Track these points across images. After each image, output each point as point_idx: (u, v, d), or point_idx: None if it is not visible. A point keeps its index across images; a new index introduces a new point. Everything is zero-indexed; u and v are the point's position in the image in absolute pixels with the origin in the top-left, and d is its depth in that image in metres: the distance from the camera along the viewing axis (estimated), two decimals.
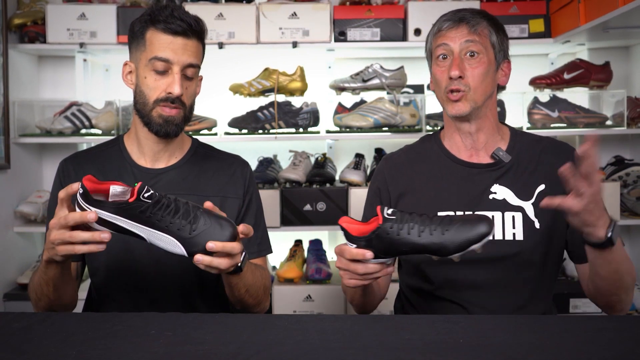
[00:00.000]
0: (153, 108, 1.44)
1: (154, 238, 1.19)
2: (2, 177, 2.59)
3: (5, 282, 2.63)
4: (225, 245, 1.18)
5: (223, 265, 1.20)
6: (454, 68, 1.42)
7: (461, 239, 1.18)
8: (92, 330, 1.13)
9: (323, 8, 2.68)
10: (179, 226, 1.18)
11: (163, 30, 1.42)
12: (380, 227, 1.19)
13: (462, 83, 1.42)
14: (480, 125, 1.48)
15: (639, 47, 2.87)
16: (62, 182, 1.52)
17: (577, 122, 2.70)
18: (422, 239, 1.18)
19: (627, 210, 2.73)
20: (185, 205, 1.20)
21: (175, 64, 1.43)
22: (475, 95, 1.43)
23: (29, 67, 2.86)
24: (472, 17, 1.45)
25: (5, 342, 1.08)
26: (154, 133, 1.47)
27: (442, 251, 1.19)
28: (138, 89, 1.46)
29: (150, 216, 1.17)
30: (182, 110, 1.46)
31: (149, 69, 1.43)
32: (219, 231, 1.19)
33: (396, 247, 1.19)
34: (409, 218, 1.20)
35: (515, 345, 1.05)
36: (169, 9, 1.44)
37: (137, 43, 1.46)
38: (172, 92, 1.42)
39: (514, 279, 1.45)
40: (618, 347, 1.04)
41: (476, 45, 1.42)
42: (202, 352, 1.02)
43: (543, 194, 1.44)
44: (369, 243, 1.20)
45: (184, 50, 1.43)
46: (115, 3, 2.71)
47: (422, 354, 1.01)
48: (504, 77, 1.51)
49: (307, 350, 1.03)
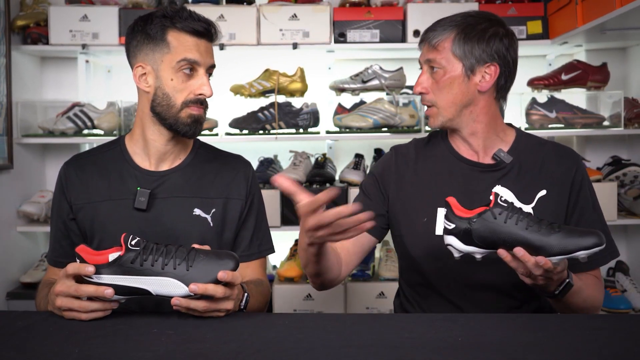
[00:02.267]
0: (182, 109, 1.43)
1: (156, 286, 1.16)
2: (5, 177, 2.59)
3: (9, 281, 2.63)
4: (207, 289, 1.16)
5: (200, 308, 1.17)
6: (415, 84, 1.49)
7: (569, 244, 1.18)
8: (95, 329, 1.13)
9: (323, 10, 2.68)
10: (175, 265, 1.16)
11: (188, 32, 1.42)
12: (490, 209, 1.20)
13: (426, 99, 1.48)
14: (470, 130, 1.49)
15: (636, 48, 2.87)
16: (64, 187, 1.51)
17: (575, 123, 2.70)
18: (528, 233, 1.19)
19: (624, 210, 2.73)
20: (179, 247, 1.19)
21: (202, 65, 1.43)
22: (442, 110, 1.46)
23: (32, 68, 2.86)
24: (435, 34, 1.45)
25: (8, 340, 1.08)
26: (182, 134, 1.46)
27: (545, 250, 1.18)
28: (160, 91, 1.43)
29: (143, 264, 1.15)
30: (206, 109, 1.48)
31: (176, 70, 1.42)
32: (218, 262, 1.18)
33: (497, 235, 1.20)
34: (519, 211, 1.21)
35: (514, 344, 1.05)
36: (186, 10, 1.44)
37: (154, 45, 1.43)
38: (203, 94, 1.43)
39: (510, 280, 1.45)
40: (615, 346, 1.05)
41: (434, 62, 1.45)
42: (203, 350, 1.02)
43: (543, 199, 1.44)
44: (470, 225, 1.21)
45: (207, 51, 1.45)
46: (117, 5, 2.71)
47: (421, 353, 1.01)
48: (485, 83, 1.46)
49: (307, 349, 1.03)
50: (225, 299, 1.19)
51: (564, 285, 1.28)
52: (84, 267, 1.14)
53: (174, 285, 1.16)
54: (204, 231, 1.47)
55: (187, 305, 1.16)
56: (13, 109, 2.61)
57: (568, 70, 2.75)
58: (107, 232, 1.45)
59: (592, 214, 1.47)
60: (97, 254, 1.18)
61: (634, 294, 2.66)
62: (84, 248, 1.18)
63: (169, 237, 1.43)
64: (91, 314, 1.17)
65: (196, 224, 1.47)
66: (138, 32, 1.45)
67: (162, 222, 1.46)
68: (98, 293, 1.15)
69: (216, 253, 1.20)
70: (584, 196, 1.47)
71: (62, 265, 1.46)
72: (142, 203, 1.45)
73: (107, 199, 1.48)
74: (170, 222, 1.46)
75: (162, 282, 1.16)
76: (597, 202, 1.50)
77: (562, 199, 1.46)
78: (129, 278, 1.16)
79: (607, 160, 2.82)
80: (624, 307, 2.58)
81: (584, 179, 1.49)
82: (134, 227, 1.44)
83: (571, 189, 1.47)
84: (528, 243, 1.19)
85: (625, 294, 2.68)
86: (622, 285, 2.73)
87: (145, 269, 1.16)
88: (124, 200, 1.47)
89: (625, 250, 2.93)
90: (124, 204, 1.46)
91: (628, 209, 2.71)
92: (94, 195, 1.48)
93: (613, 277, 2.77)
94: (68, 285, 1.16)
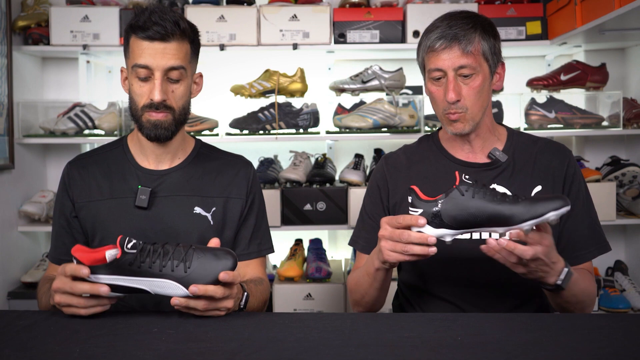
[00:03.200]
0: (142, 114, 1.44)
1: (154, 287, 1.17)
2: (6, 177, 2.60)
3: (10, 281, 2.63)
4: (207, 289, 1.16)
5: (200, 307, 1.17)
6: (450, 93, 1.40)
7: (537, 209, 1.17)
8: (96, 328, 1.13)
9: (323, 10, 2.68)
10: (173, 267, 1.16)
11: (141, 37, 1.40)
12: (457, 187, 1.20)
13: (459, 105, 1.42)
14: (477, 132, 1.49)
15: (634, 49, 2.87)
16: (67, 186, 1.52)
17: (574, 123, 2.70)
18: (497, 204, 1.19)
19: (622, 209, 2.73)
20: (176, 246, 1.19)
21: (156, 69, 1.41)
22: (473, 114, 1.43)
23: (33, 68, 2.87)
24: (465, 33, 1.39)
25: (10, 340, 1.08)
26: (146, 137, 1.46)
27: (515, 218, 1.18)
28: (130, 95, 1.46)
29: (141, 266, 1.15)
30: (169, 114, 1.43)
31: (134, 76, 1.43)
32: (216, 262, 1.18)
33: (466, 211, 1.19)
34: (484, 186, 1.22)
35: (512, 343, 1.05)
36: (147, 13, 1.40)
37: (125, 51, 1.46)
38: (152, 98, 1.41)
39: (509, 279, 1.45)
40: (614, 345, 1.05)
41: (470, 68, 1.40)
42: (204, 349, 1.02)
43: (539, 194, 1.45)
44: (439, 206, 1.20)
45: (162, 54, 1.40)
46: (118, 5, 2.71)
47: (420, 352, 1.01)
48: (499, 82, 1.49)
49: (307, 348, 1.03)
50: (225, 298, 1.20)
51: (565, 273, 1.28)
52: (79, 269, 1.15)
53: (172, 287, 1.16)
54: (204, 229, 1.48)
55: (187, 304, 1.17)
56: (14, 109, 2.61)
57: (567, 71, 2.76)
58: (109, 230, 1.46)
59: (583, 208, 1.48)
60: (93, 251, 1.18)
61: (632, 293, 2.66)
62: (80, 247, 1.18)
63: (169, 235, 1.44)
64: (90, 309, 1.17)
65: (196, 222, 1.48)
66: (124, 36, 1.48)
67: (163, 220, 1.47)
68: (93, 291, 1.15)
69: (214, 252, 1.20)
70: (576, 189, 1.49)
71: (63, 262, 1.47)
72: (143, 201, 1.45)
73: (109, 197, 1.48)
74: (171, 220, 1.47)
75: (160, 283, 1.16)
76: (589, 196, 1.51)
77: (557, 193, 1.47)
78: (127, 279, 1.16)
79: (606, 161, 2.82)
80: (623, 307, 2.58)
81: (576, 172, 1.50)
82: (135, 225, 1.45)
83: (564, 183, 1.48)
84: (498, 213, 1.19)
85: (624, 294, 2.68)
86: (620, 284, 2.74)
87: (142, 270, 1.16)
88: (125, 199, 1.47)
89: (624, 250, 2.93)
90: (125, 202, 1.47)
91: (627, 209, 2.71)
92: (96, 194, 1.49)
93: (612, 277, 2.77)
94: (64, 282, 1.16)
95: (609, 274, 2.81)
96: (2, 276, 2.57)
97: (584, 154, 2.93)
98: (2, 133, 2.53)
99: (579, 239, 1.46)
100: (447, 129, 1.47)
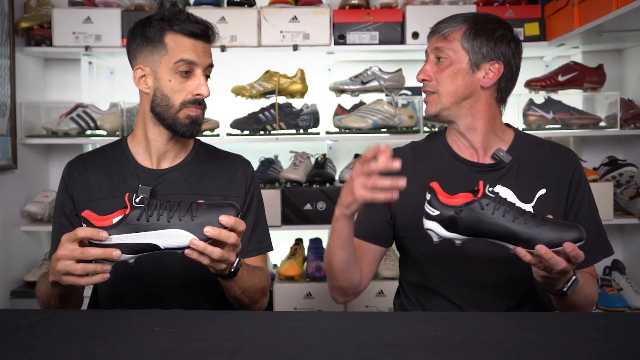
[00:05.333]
0: (180, 110, 1.44)
1: (165, 239, 1.17)
2: (9, 177, 2.60)
3: (12, 280, 2.63)
4: (221, 232, 1.18)
5: (215, 255, 1.19)
6: (419, 72, 1.50)
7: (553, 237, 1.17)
8: (97, 327, 1.13)
9: (323, 12, 2.68)
10: (180, 217, 1.17)
11: (185, 34, 1.42)
12: (478, 200, 1.19)
13: (429, 85, 1.49)
14: (469, 125, 1.48)
15: (632, 50, 2.87)
16: (67, 185, 1.52)
17: (572, 124, 2.70)
18: (515, 225, 1.18)
19: (620, 209, 2.73)
20: (181, 202, 1.21)
21: (199, 66, 1.44)
22: (443, 98, 1.47)
23: (36, 69, 2.87)
24: (447, 25, 1.47)
25: (12, 339, 1.08)
26: (180, 134, 1.47)
27: (530, 243, 1.18)
28: (159, 92, 1.44)
29: (149, 219, 1.16)
30: (204, 110, 1.48)
31: (173, 72, 1.42)
32: (220, 210, 1.19)
33: (483, 226, 1.19)
34: (506, 203, 1.20)
35: (510, 342, 1.05)
36: (184, 13, 1.44)
37: (152, 47, 1.44)
38: (201, 94, 1.44)
39: (509, 279, 1.45)
40: (611, 343, 1.05)
41: (442, 51, 1.46)
42: (205, 348, 1.02)
43: (543, 197, 1.44)
44: (457, 213, 1.20)
45: (204, 52, 1.45)
46: (120, 7, 2.71)
47: (419, 350, 1.01)
48: (488, 79, 1.47)
49: (307, 347, 1.03)
50: (233, 249, 1.22)
51: (572, 281, 1.28)
52: (97, 232, 1.14)
53: (182, 236, 1.17)
54: None
55: (205, 249, 1.18)
56: (17, 110, 2.61)
57: (565, 72, 2.75)
58: None
59: (588, 213, 1.48)
60: (102, 218, 1.18)
61: (630, 292, 2.67)
62: (90, 213, 1.18)
63: None
64: (89, 279, 1.18)
65: None
66: (137, 34, 1.46)
67: None
68: (106, 255, 1.15)
69: (218, 204, 1.21)
70: (581, 195, 1.48)
71: None
72: None
73: (109, 196, 1.48)
74: None
75: (169, 234, 1.17)
76: (594, 201, 1.51)
77: (561, 198, 1.47)
78: (137, 235, 1.16)
79: (604, 161, 2.82)
80: (620, 306, 2.58)
81: (582, 177, 1.49)
82: None
83: (569, 188, 1.47)
84: (515, 235, 1.19)
85: (621, 293, 2.68)
86: (618, 283, 2.73)
87: (151, 224, 1.16)
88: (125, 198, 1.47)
89: (622, 249, 2.93)
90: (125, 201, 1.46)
91: (624, 209, 2.71)
92: (96, 193, 1.49)
93: (609, 276, 2.78)
94: (72, 249, 1.16)
95: (607, 273, 2.81)
96: (5, 275, 2.57)
97: (581, 154, 2.93)
98: (4, 133, 2.53)
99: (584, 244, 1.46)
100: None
